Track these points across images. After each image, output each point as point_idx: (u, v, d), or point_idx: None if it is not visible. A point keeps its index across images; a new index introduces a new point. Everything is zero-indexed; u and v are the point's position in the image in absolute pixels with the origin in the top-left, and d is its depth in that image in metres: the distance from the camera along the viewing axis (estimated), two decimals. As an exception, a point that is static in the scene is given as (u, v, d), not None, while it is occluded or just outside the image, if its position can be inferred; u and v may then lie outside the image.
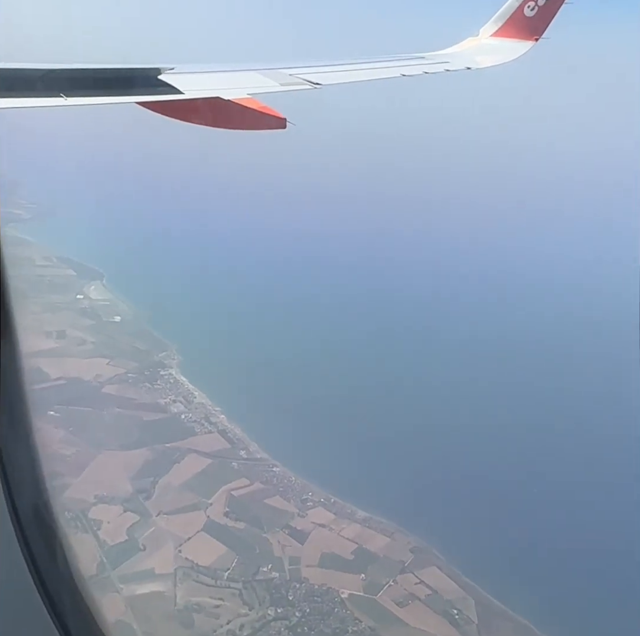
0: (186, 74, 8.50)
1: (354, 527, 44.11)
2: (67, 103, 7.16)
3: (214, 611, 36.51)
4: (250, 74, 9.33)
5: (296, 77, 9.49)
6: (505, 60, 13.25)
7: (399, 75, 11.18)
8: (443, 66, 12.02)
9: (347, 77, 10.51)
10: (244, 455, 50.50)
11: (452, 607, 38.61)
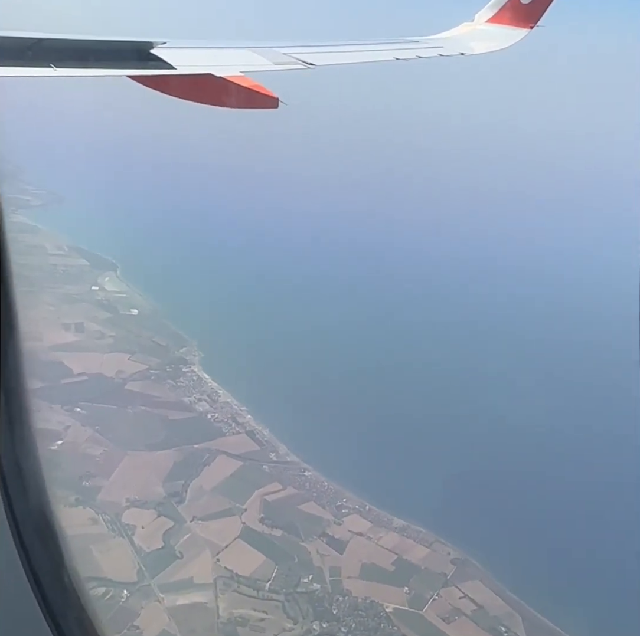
0: (178, 49, 8.30)
1: (392, 536, 43.04)
2: (56, 74, 6.95)
3: (258, 625, 35.39)
4: (243, 52, 9.15)
5: (290, 56, 9.34)
6: (500, 47, 12.99)
7: (392, 59, 10.99)
8: (437, 51, 11.79)
9: (341, 58, 10.38)
10: (274, 458, 49.26)
11: (499, 624, 37.67)
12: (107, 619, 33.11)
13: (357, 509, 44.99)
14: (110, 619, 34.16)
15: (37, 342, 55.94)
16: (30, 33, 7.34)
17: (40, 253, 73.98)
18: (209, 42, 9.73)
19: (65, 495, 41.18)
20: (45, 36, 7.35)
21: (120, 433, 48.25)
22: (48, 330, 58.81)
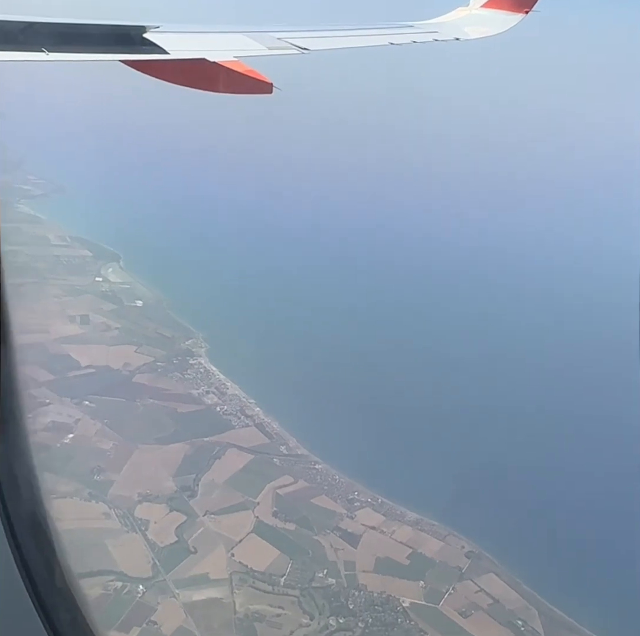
0: (172, 33, 8.22)
1: (405, 530, 42.83)
2: (48, 58, 6.84)
3: (275, 620, 35.13)
4: (237, 37, 9.07)
5: (284, 41, 9.26)
6: (495, 32, 12.87)
7: (387, 44, 10.91)
8: (432, 36, 11.73)
9: (335, 43, 10.38)
10: (284, 451, 48.97)
11: (516, 618, 37.51)
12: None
13: (370, 502, 44.75)
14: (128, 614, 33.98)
15: (44, 334, 55.66)
16: (21, 16, 7.18)
17: (43, 244, 73.49)
18: (202, 27, 9.65)
19: (79, 489, 40.95)
20: (36, 20, 7.21)
21: (129, 427, 47.89)
22: (54, 323, 58.42)
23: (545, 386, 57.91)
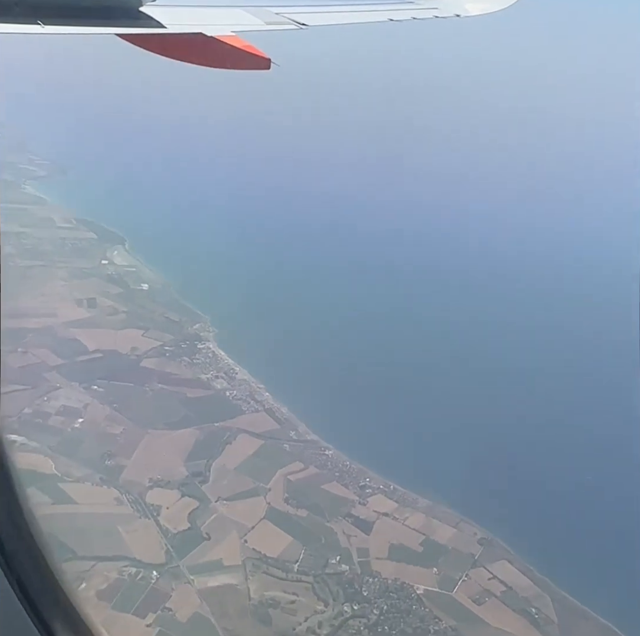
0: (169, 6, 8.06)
1: (418, 517, 42.71)
2: (44, 31, 6.70)
3: (290, 607, 35.08)
4: (235, 11, 8.88)
5: (282, 16, 9.08)
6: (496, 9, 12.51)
7: (386, 20, 10.77)
8: (432, 12, 11.44)
9: (334, 19, 10.20)
10: (294, 437, 48.76)
11: (529, 605, 37.48)
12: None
13: (382, 489, 44.61)
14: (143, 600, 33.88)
15: (52, 318, 55.32)
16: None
17: (49, 226, 73.05)
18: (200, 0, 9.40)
19: (90, 474, 40.79)
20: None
21: (139, 412, 47.65)
22: (62, 306, 58.06)
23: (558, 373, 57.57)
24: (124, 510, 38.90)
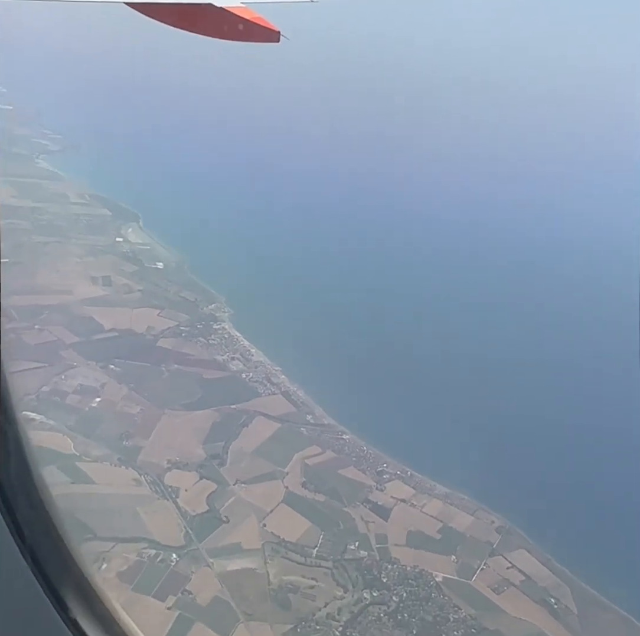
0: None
1: (435, 504, 42.55)
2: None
3: (309, 592, 34.98)
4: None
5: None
6: None
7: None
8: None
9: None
10: (311, 420, 48.53)
11: (548, 595, 37.37)
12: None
13: (399, 475, 44.44)
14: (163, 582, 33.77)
15: (68, 295, 54.95)
16: None
17: (63, 202, 72.37)
18: None
19: (108, 454, 40.60)
20: None
21: (155, 392, 47.41)
22: (77, 283, 57.64)
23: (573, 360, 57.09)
24: (142, 491, 38.75)
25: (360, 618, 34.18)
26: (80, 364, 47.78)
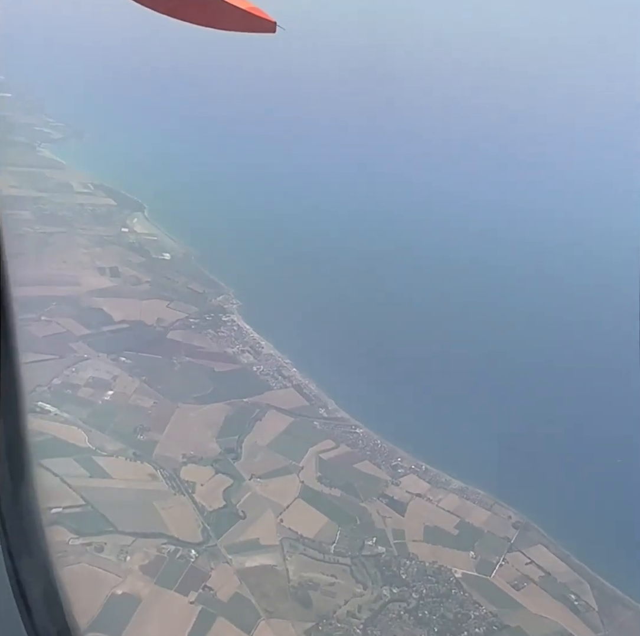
0: None
1: (452, 498, 42.32)
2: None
3: (329, 589, 34.75)
4: None
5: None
6: None
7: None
8: None
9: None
10: (324, 414, 48.18)
11: (568, 591, 37.21)
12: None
13: (414, 469, 44.17)
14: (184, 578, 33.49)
15: (76, 286, 54.35)
16: None
17: (67, 192, 71.59)
18: None
19: (123, 448, 40.20)
20: None
21: (168, 385, 46.97)
22: (84, 274, 57.03)
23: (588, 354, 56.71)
24: (159, 486, 38.38)
25: (381, 616, 33.95)
26: (91, 356, 47.27)
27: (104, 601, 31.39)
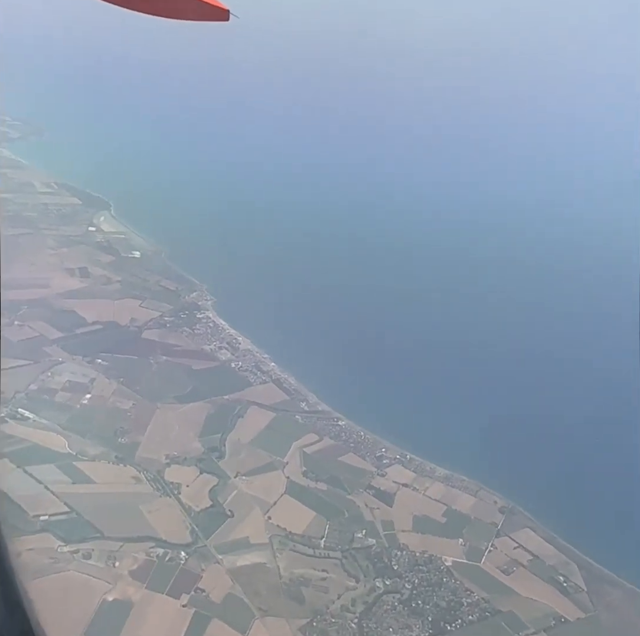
0: None
1: (437, 486, 42.45)
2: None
3: (321, 584, 34.60)
4: None
5: None
6: None
7: None
8: None
9: None
10: (305, 408, 47.94)
11: (557, 573, 37.56)
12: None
13: (399, 459, 44.18)
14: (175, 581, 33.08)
15: (45, 289, 53.30)
16: None
17: (30, 192, 70.16)
18: None
19: (105, 452, 39.55)
20: None
21: (146, 385, 46.35)
22: (54, 276, 55.97)
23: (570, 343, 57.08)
24: (143, 489, 37.83)
25: (375, 608, 33.88)
26: (66, 360, 46.40)
27: (96, 608, 30.84)
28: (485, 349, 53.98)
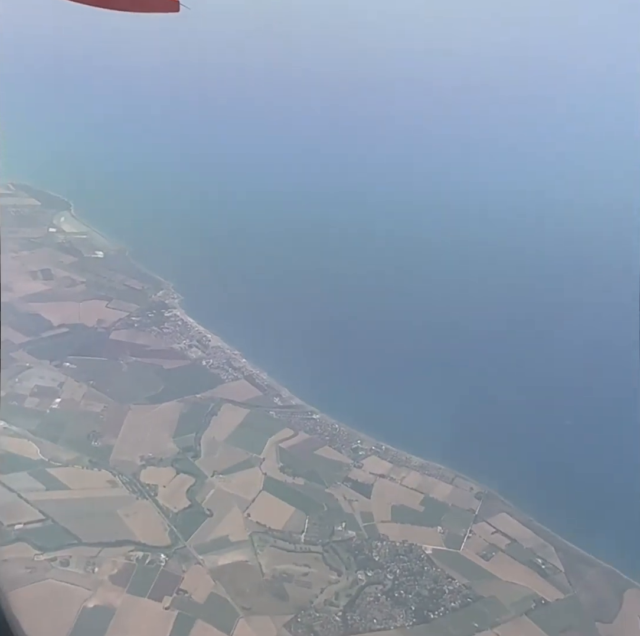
0: None
1: (414, 475, 42.73)
2: None
3: (303, 579, 34.65)
4: None
5: None
6: None
7: None
8: None
9: None
10: (278, 403, 47.82)
11: (535, 556, 38.10)
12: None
13: (374, 450, 44.34)
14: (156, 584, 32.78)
15: (8, 292, 52.20)
16: None
17: (-14, 194, 68.59)
18: None
19: (78, 457, 39.01)
20: None
21: (117, 387, 45.76)
22: (16, 279, 54.83)
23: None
24: (119, 493, 37.39)
25: (359, 601, 33.98)
26: (33, 364, 45.59)
27: (77, 616, 30.42)
28: (457, 335, 54.28)
